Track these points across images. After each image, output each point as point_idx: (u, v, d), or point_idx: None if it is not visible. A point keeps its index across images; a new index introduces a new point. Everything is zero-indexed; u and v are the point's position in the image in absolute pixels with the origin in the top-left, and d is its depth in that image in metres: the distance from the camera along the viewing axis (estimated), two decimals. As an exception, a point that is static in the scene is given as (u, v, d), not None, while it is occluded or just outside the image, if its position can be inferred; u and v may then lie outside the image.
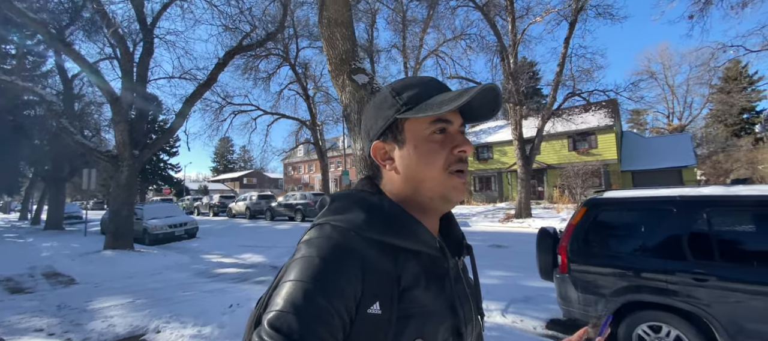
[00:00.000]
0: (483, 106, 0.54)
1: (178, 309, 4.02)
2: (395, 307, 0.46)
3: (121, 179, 8.40)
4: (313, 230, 0.51)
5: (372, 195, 0.54)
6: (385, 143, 0.56)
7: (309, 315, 0.41)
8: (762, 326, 2.30)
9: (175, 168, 46.47)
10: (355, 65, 3.47)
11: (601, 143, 20.80)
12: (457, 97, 0.49)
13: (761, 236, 2.51)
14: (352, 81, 3.41)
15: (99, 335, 3.51)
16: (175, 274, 6.50)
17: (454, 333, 0.52)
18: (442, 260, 0.54)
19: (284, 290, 0.44)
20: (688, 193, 2.78)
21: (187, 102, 8.96)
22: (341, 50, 3.52)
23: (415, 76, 0.58)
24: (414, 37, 17.39)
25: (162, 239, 11.23)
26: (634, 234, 2.93)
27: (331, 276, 0.44)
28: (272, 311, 0.43)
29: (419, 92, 0.53)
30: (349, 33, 3.54)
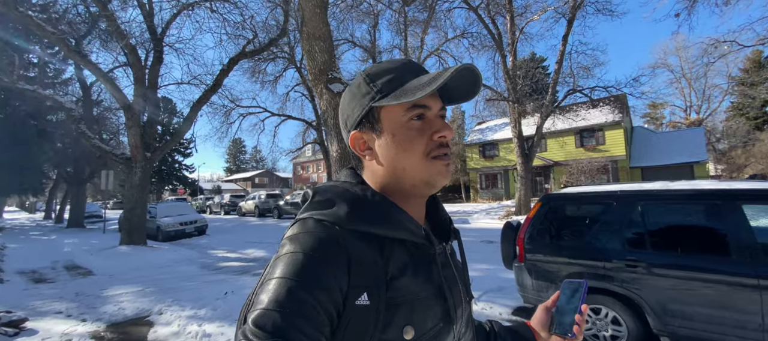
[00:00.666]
0: (462, 87, 0.53)
1: (180, 296, 4.48)
2: (383, 296, 0.46)
3: (135, 180, 9.01)
4: (297, 226, 0.51)
5: (354, 186, 0.53)
6: (363, 132, 0.55)
7: (293, 311, 0.41)
8: (683, 306, 2.55)
9: (189, 169, 47.93)
10: (331, 75, 3.83)
11: (609, 139, 20.61)
12: (431, 81, 0.48)
13: (684, 226, 2.76)
14: (328, 90, 3.77)
15: (110, 316, 3.99)
16: (183, 267, 7.02)
17: (444, 318, 0.52)
18: (428, 246, 0.54)
19: (268, 287, 0.43)
20: (626, 188, 3.03)
21: (194, 107, 9.51)
22: (319, 61, 3.87)
23: (391, 59, 0.56)
24: (415, 38, 17.62)
25: (174, 236, 11.88)
26: (580, 226, 3.19)
27: (315, 271, 0.43)
28: (256, 309, 0.42)
29: (394, 78, 0.52)
30: (327, 46, 3.89)
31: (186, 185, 46.32)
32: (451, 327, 0.53)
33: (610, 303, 2.89)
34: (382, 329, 0.45)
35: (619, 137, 20.18)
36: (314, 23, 3.82)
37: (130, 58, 9.16)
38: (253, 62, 18.49)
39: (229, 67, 9.96)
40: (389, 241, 0.50)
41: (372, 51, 18.97)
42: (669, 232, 2.79)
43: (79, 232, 15.05)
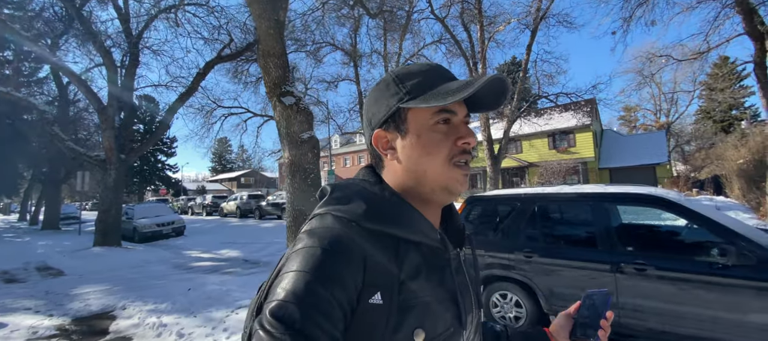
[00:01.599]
0: (489, 96, 0.54)
1: (145, 293, 4.80)
2: (396, 297, 0.46)
3: (109, 181, 9.17)
4: (314, 220, 0.51)
5: (373, 185, 0.54)
6: (387, 131, 0.55)
7: (310, 304, 0.41)
8: (564, 289, 3.07)
9: (172, 169, 47.26)
10: (284, 89, 4.23)
11: (579, 142, 21.56)
12: (463, 87, 0.48)
13: (567, 223, 3.29)
14: (280, 102, 4.17)
15: (76, 311, 4.29)
16: (155, 267, 7.28)
17: (454, 324, 0.52)
18: (442, 251, 0.54)
19: (285, 280, 0.44)
20: (529, 191, 3.55)
21: (170, 110, 9.73)
22: (274, 76, 4.27)
23: (420, 62, 0.57)
24: (393, 43, 18.09)
25: (150, 236, 12.01)
26: (493, 224, 3.69)
27: (333, 267, 0.43)
28: (274, 300, 0.42)
29: (423, 81, 0.52)
30: (281, 62, 4.29)
31: (169, 186, 45.65)
32: (463, 332, 0.53)
33: (513, 289, 3.39)
34: (393, 330, 0.45)
35: (589, 140, 21.15)
36: (268, 42, 4.20)
37: (104, 60, 9.31)
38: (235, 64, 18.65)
39: (205, 71, 10.19)
40: (404, 242, 0.50)
41: (353, 54, 19.34)
42: (555, 228, 3.32)
43: (53, 234, 14.93)
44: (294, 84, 4.43)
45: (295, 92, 4.28)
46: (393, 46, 18.32)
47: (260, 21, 4.11)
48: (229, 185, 54.86)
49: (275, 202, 18.25)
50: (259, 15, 4.06)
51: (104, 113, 8.89)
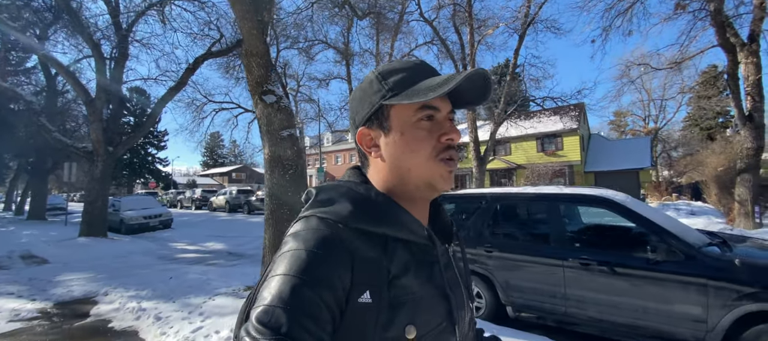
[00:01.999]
0: (472, 91, 0.54)
1: (127, 281, 4.94)
2: (385, 295, 0.46)
3: (96, 173, 9.22)
4: (300, 223, 0.51)
5: (358, 185, 0.54)
6: (371, 129, 0.55)
7: (296, 308, 0.41)
8: (519, 282, 3.31)
9: (163, 162, 46.80)
10: (266, 88, 4.40)
11: (566, 145, 22.01)
12: (444, 83, 0.49)
13: (524, 221, 3.53)
14: (262, 100, 4.34)
15: (58, 297, 4.42)
16: (139, 257, 7.39)
17: (446, 319, 0.52)
18: (430, 247, 0.54)
19: (271, 284, 0.44)
20: (493, 191, 3.79)
21: (158, 104, 9.79)
22: (256, 75, 4.44)
23: (403, 59, 0.55)
24: (386, 43, 18.27)
25: (137, 229, 12.06)
26: (462, 220, 3.92)
27: (319, 268, 0.43)
28: (259, 306, 0.42)
29: (406, 77, 0.52)
30: (263, 62, 4.46)
31: (159, 179, 45.25)
32: (454, 329, 0.53)
33: (475, 282, 3.62)
34: (384, 327, 0.45)
35: (576, 144, 21.61)
36: (251, 42, 4.37)
37: (93, 53, 9.34)
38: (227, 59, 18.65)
39: (194, 67, 10.26)
40: (392, 240, 0.50)
41: (345, 53, 19.47)
42: (514, 226, 3.56)
43: (39, 224, 14.84)
44: (276, 83, 4.58)
45: (277, 91, 4.46)
46: (385, 46, 18.51)
47: (243, 22, 4.27)
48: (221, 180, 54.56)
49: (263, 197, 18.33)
50: (241, 16, 4.22)
51: (92, 106, 8.93)
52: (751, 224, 8.45)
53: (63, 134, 14.40)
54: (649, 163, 20.42)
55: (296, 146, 4.45)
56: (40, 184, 17.47)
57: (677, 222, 3.15)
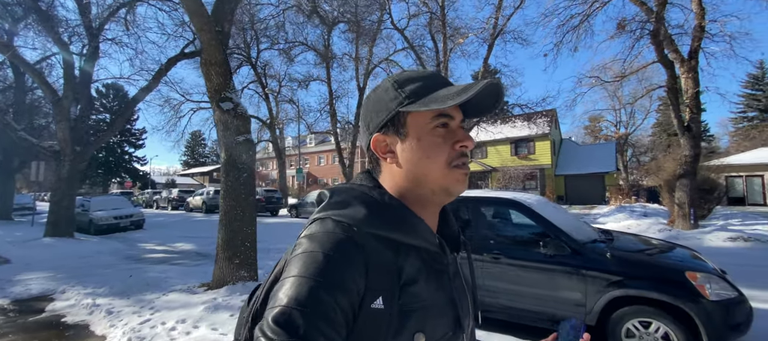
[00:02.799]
0: (484, 101, 0.55)
1: (87, 279, 5.10)
2: (396, 302, 0.46)
3: (63, 172, 9.18)
4: (315, 225, 0.51)
5: (372, 190, 0.55)
6: (387, 135, 0.56)
7: (313, 311, 0.41)
8: (482, 281, 3.70)
9: (140, 161, 45.69)
10: (224, 95, 4.67)
11: (538, 150, 22.92)
12: (462, 91, 0.50)
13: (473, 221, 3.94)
14: (219, 107, 4.61)
15: (16, 295, 4.55)
16: (105, 258, 7.47)
17: (453, 327, 0.53)
18: (441, 255, 0.55)
19: (287, 285, 0.43)
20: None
21: (129, 105, 9.84)
22: (215, 83, 4.70)
23: (418, 69, 0.57)
24: (365, 47, 18.62)
25: (106, 229, 11.97)
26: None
27: (335, 272, 0.43)
28: (276, 306, 0.42)
29: (422, 86, 0.54)
30: (222, 70, 4.72)
31: (136, 178, 44.13)
32: (460, 337, 0.54)
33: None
34: (394, 334, 0.45)
35: (547, 148, 22.53)
36: (210, 52, 4.63)
37: (62, 53, 9.30)
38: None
39: (167, 68, 10.30)
40: (405, 247, 0.50)
41: (326, 55, 19.73)
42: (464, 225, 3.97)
43: (5, 224, 14.43)
44: (234, 90, 4.85)
45: (234, 98, 4.73)
46: (364, 51, 18.87)
47: (202, 33, 4.53)
48: (201, 180, 53.52)
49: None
50: (200, 28, 4.48)
51: (59, 105, 8.91)
52: (688, 226, 9.22)
53: (31, 131, 14.10)
54: (613, 167, 21.51)
55: (251, 150, 4.73)
56: (6, 183, 16.95)
57: (575, 222, 3.63)
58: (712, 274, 2.74)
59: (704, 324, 2.55)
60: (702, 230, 8.82)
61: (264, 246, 8.68)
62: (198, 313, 3.44)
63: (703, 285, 2.65)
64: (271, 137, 22.36)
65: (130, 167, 43.79)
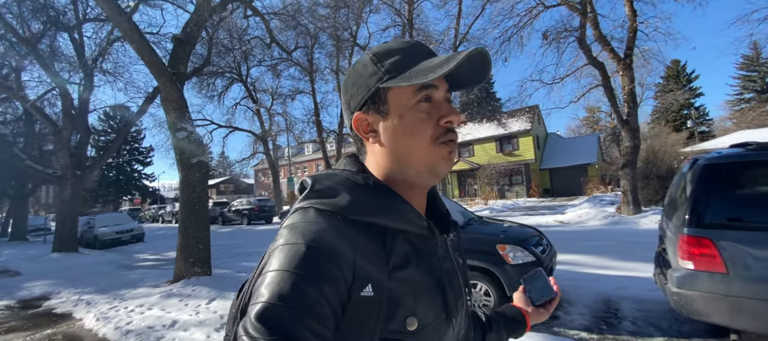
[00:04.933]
0: (470, 72, 0.51)
1: (79, 283, 6.19)
2: (386, 288, 0.45)
3: (66, 195, 10.41)
4: (296, 215, 0.49)
5: (356, 174, 0.52)
6: (368, 114, 0.53)
7: (297, 305, 0.39)
8: None
9: (149, 177, 47.63)
10: (179, 126, 5.70)
11: (522, 145, 23.60)
12: (443, 63, 0.47)
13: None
14: (175, 136, 5.65)
15: (21, 297, 5.66)
16: (101, 267, 8.60)
17: (445, 309, 0.52)
18: (429, 238, 0.54)
19: (268, 279, 0.42)
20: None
21: (120, 133, 11.01)
22: (173, 116, 5.74)
23: (398, 40, 0.55)
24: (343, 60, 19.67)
25: (110, 243, 13.21)
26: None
27: (319, 263, 0.42)
28: (258, 302, 0.40)
29: (403, 58, 0.50)
30: (178, 105, 5.76)
31: (146, 194, 46.03)
32: (452, 319, 0.53)
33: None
34: (385, 320, 0.44)
35: (529, 144, 23.20)
36: (167, 92, 5.66)
37: (59, 90, 10.56)
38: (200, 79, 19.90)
39: (153, 95, 11.49)
40: (391, 231, 0.49)
41: (309, 70, 20.86)
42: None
43: (20, 244, 15.86)
44: (189, 121, 5.89)
45: (188, 127, 5.74)
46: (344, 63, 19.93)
47: (159, 78, 5.57)
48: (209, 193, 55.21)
49: (237, 209, 19.55)
50: (156, 73, 5.51)
51: (59, 136, 10.14)
52: (630, 211, 9.94)
53: (40, 157, 15.52)
54: (594, 159, 22.06)
55: (203, 170, 5.76)
56: (21, 206, 18.47)
57: (454, 208, 4.51)
58: (516, 246, 3.62)
59: (506, 281, 3.44)
60: (642, 216, 9.54)
61: (247, 251, 9.76)
62: (154, 300, 4.45)
63: (507, 254, 3.54)
64: (263, 149, 23.55)
65: (140, 185, 45.70)
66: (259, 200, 19.46)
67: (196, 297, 4.47)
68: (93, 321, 4.08)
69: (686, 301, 2.53)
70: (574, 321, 3.56)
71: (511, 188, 23.42)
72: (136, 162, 45.28)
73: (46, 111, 17.66)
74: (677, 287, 2.58)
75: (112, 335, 3.63)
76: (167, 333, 3.47)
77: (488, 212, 16.12)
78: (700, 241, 2.47)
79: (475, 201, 20.53)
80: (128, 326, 3.72)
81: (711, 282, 2.41)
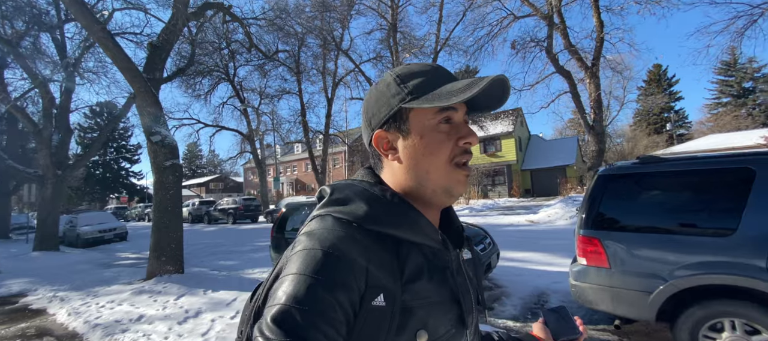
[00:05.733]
0: (490, 97, 0.54)
1: (56, 281, 6.41)
2: (398, 299, 0.46)
3: (46, 194, 10.52)
4: (315, 222, 0.50)
5: (373, 186, 0.54)
6: (389, 132, 0.55)
7: (312, 309, 0.40)
8: None
9: (137, 176, 47.21)
10: (153, 130, 5.95)
11: (504, 147, 24.19)
12: (466, 88, 0.49)
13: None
14: (149, 140, 5.91)
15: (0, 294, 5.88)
16: (81, 265, 8.77)
17: (456, 324, 0.52)
18: (443, 252, 0.55)
19: (286, 283, 0.43)
20: (297, 200, 5.47)
21: (100, 136, 11.15)
22: (147, 121, 5.99)
23: (420, 63, 0.56)
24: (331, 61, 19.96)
25: (92, 242, 13.31)
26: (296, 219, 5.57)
27: (335, 269, 0.43)
28: (275, 304, 0.42)
29: (425, 81, 0.52)
30: (152, 110, 6.00)
31: (133, 192, 45.61)
32: (463, 334, 0.54)
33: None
34: (396, 332, 0.45)
35: (512, 146, 23.80)
36: (142, 97, 5.91)
37: (40, 91, 10.65)
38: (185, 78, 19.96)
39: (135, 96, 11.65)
40: (406, 244, 0.50)
41: (297, 69, 21.06)
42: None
43: (2, 242, 15.80)
44: (163, 125, 6.15)
45: (162, 131, 6.00)
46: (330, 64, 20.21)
47: (133, 83, 5.82)
48: (198, 190, 54.87)
49: (222, 208, 19.69)
50: (131, 80, 5.76)
51: (39, 136, 10.25)
52: (595, 212, 10.45)
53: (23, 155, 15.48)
54: (573, 160, 22.75)
55: (177, 172, 6.03)
56: (3, 205, 18.33)
57: None
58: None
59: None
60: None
61: (228, 249, 10.02)
62: (125, 296, 4.74)
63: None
64: (251, 148, 23.68)
65: (127, 182, 45.29)
66: (244, 199, 19.62)
67: (166, 293, 4.77)
68: (65, 316, 4.35)
69: (581, 292, 2.94)
70: (506, 311, 3.97)
71: (494, 188, 24.00)
72: (124, 160, 44.87)
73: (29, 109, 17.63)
74: (575, 280, 2.99)
75: (81, 328, 3.91)
76: (132, 326, 3.77)
77: (467, 211, 16.60)
78: (591, 240, 2.88)
79: (458, 200, 21.02)
80: (97, 320, 4.01)
81: (597, 275, 2.82)
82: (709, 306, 2.34)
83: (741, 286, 2.22)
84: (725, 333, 2.31)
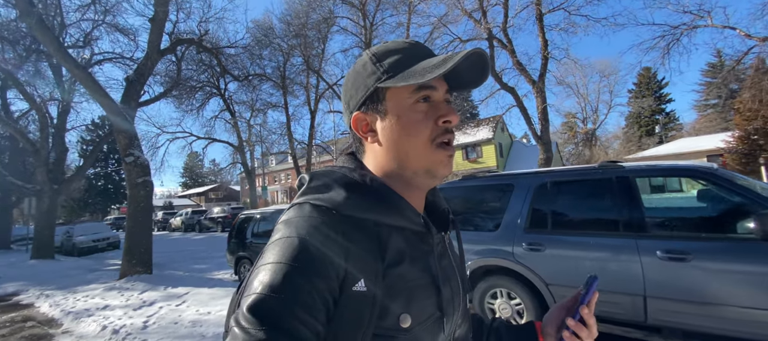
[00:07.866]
0: (469, 72, 0.52)
1: (46, 284, 7.41)
2: (380, 284, 0.46)
3: (43, 207, 11.60)
4: (292, 210, 0.50)
5: (352, 171, 0.54)
6: (366, 114, 0.54)
7: (288, 297, 0.40)
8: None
9: (137, 187, 48.19)
10: (128, 152, 6.98)
11: (485, 153, 25.14)
12: (441, 63, 0.47)
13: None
14: (124, 161, 6.94)
15: (-4, 294, 6.88)
16: (72, 271, 9.76)
17: (440, 308, 0.52)
18: (426, 235, 0.54)
19: (262, 272, 0.43)
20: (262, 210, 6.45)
21: (90, 154, 12.29)
22: (123, 144, 7.02)
23: (398, 40, 0.54)
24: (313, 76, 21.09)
25: (87, 251, 14.34)
26: (250, 228, 6.54)
27: (312, 256, 0.43)
28: (250, 294, 0.41)
29: (402, 58, 0.51)
30: (127, 135, 7.03)
31: (134, 203, 46.59)
32: (448, 318, 0.53)
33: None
34: (379, 316, 0.45)
35: (492, 151, 24.75)
36: (118, 125, 6.94)
37: (37, 114, 11.79)
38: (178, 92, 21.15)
39: (125, 116, 12.77)
40: (387, 228, 0.50)
41: (283, 84, 22.22)
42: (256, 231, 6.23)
43: (4, 253, 16.88)
44: (137, 147, 7.17)
45: (135, 153, 7.01)
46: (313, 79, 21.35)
47: (110, 113, 6.86)
48: (198, 200, 56.02)
49: (212, 216, 20.75)
50: (108, 110, 6.80)
51: (37, 154, 11.36)
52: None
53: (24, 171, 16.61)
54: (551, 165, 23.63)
55: (148, 188, 7.04)
56: (4, 217, 19.48)
57: None
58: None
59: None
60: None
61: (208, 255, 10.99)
62: (98, 292, 5.73)
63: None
64: (241, 159, 24.77)
65: (128, 193, 46.43)
66: (232, 208, 20.67)
67: (132, 289, 5.76)
68: (47, 308, 5.35)
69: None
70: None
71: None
72: (125, 171, 46.09)
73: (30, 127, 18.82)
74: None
75: (57, 316, 4.90)
76: (98, 312, 4.75)
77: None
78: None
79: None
80: (71, 309, 5.00)
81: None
82: (489, 280, 3.28)
83: (501, 266, 3.16)
84: (498, 300, 3.25)
